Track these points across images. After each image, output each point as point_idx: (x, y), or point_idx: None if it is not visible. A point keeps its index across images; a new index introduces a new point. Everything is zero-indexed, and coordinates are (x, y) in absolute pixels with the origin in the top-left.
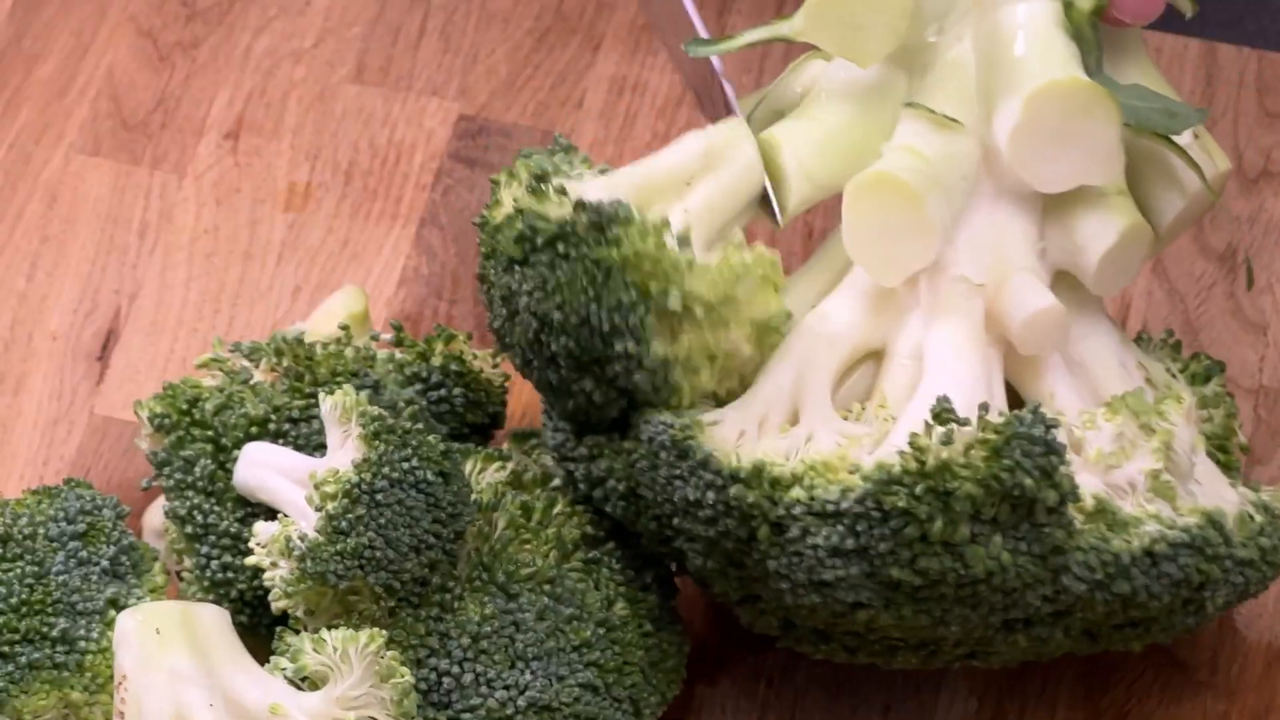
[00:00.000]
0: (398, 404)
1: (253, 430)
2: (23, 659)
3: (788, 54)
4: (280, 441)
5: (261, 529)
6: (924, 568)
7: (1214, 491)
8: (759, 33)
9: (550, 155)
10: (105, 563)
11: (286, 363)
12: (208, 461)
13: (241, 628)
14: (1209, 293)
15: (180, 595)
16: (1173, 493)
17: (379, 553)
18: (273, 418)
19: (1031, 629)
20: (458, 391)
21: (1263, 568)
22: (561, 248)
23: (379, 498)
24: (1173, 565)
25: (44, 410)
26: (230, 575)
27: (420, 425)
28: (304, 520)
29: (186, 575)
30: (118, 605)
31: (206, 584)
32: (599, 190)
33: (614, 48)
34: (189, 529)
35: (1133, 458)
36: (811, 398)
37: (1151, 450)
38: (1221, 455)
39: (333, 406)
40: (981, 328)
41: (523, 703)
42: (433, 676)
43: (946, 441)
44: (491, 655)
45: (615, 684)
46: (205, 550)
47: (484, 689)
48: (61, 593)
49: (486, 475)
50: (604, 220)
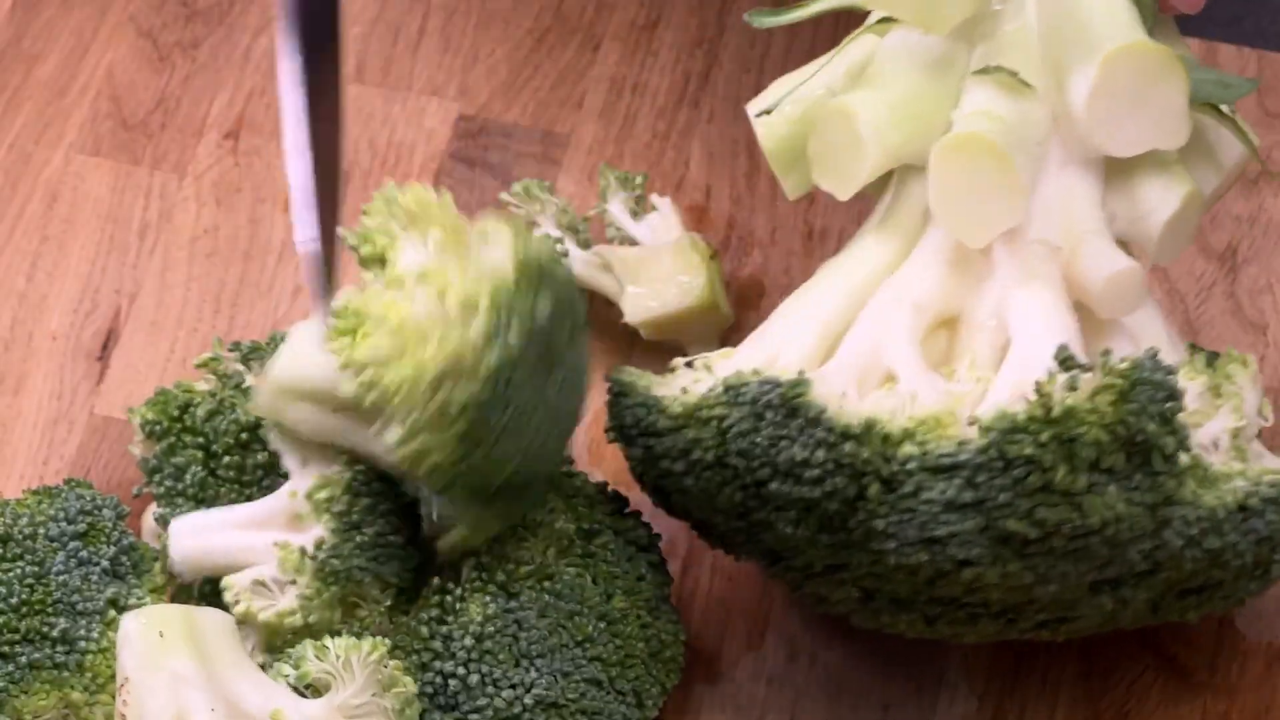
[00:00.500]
0: None
1: (243, 436)
2: (23, 659)
3: (788, 51)
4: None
5: (234, 579)
6: (1041, 518)
7: (1265, 455)
8: (830, 1)
9: None
10: (105, 563)
11: None
12: (198, 469)
13: None
14: (1209, 293)
15: (177, 594)
16: (1247, 453)
17: (391, 537)
18: (264, 423)
19: (1118, 590)
20: None
21: None
22: None
23: (375, 487)
24: (1260, 521)
25: (44, 410)
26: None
27: None
28: (267, 564)
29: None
30: (118, 605)
31: (196, 594)
32: None
33: (614, 48)
34: None
35: (1214, 417)
36: (905, 360)
37: (1231, 409)
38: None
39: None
40: (1063, 290)
41: (529, 701)
42: (438, 679)
43: (1072, 387)
44: (496, 655)
45: (619, 677)
46: None
47: (490, 689)
48: (61, 593)
49: None
50: None
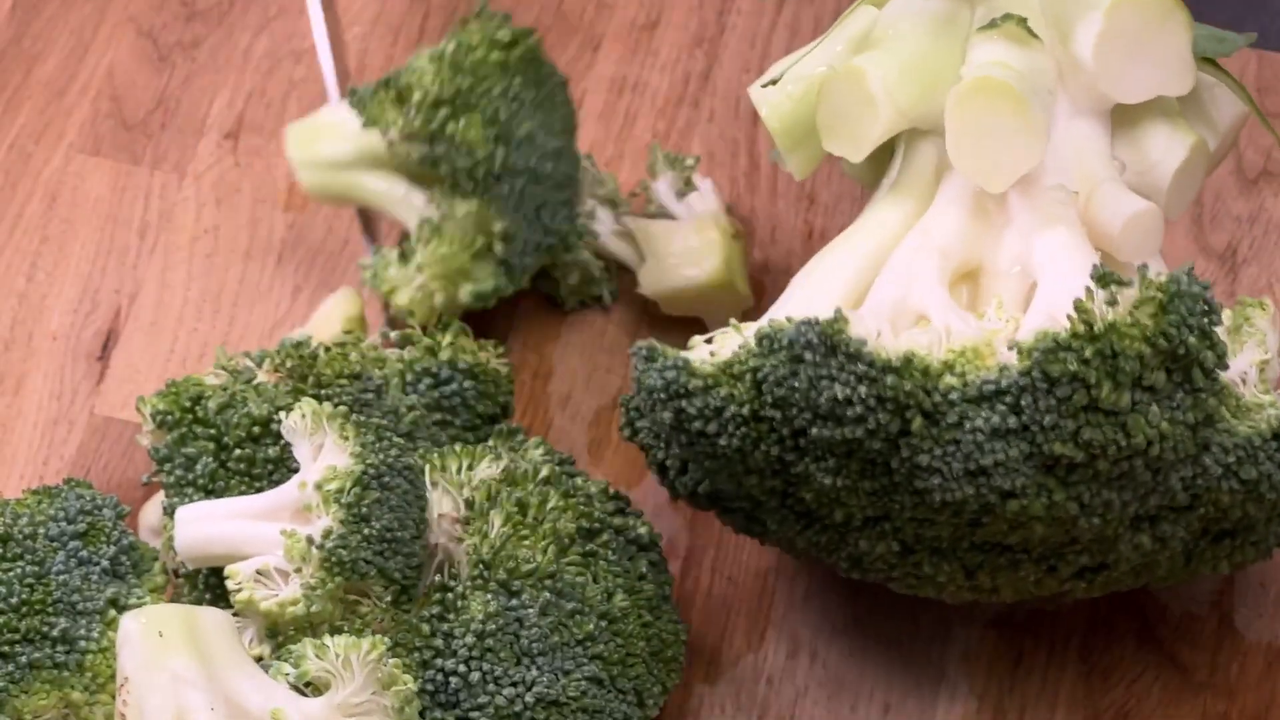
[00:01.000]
0: (399, 409)
1: (255, 430)
2: (23, 659)
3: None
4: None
5: (238, 567)
6: (1087, 439)
7: None
8: None
9: None
10: (105, 562)
11: (290, 363)
12: (209, 460)
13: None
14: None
15: (177, 593)
16: (1271, 386)
17: (398, 533)
18: (275, 418)
19: (1157, 526)
20: (468, 384)
21: None
22: None
23: (385, 480)
24: None
25: (44, 410)
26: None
27: (424, 431)
28: (272, 553)
29: (184, 572)
30: (118, 605)
31: (201, 585)
32: None
33: (614, 48)
34: None
35: (1240, 353)
36: (936, 300)
37: (1255, 344)
38: None
39: (301, 417)
40: (1083, 232)
41: (530, 699)
42: (439, 677)
43: (1112, 302)
44: (497, 653)
45: (620, 676)
46: None
47: (491, 687)
48: (61, 593)
49: (478, 472)
50: None
